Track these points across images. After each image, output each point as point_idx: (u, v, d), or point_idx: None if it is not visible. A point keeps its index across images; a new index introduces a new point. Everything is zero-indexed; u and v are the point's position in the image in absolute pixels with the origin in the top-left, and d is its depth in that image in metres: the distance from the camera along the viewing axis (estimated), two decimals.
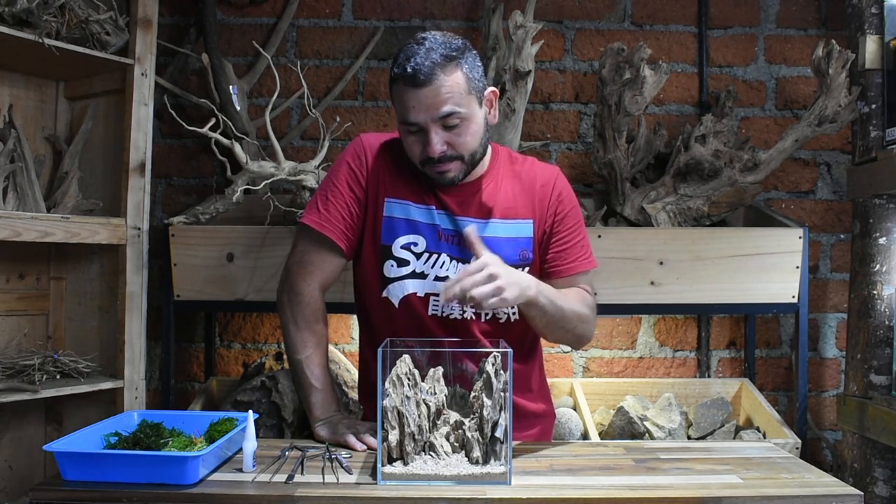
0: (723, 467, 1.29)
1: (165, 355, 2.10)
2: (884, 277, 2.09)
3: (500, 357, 1.21)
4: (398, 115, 1.44)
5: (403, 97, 1.40)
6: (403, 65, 1.38)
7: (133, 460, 1.15)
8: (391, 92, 1.45)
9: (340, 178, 1.52)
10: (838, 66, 2.06)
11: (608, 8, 2.49)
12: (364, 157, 1.53)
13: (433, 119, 1.39)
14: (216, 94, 2.22)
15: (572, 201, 1.58)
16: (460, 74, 1.40)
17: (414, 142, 1.44)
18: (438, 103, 1.38)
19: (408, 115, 1.40)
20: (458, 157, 1.43)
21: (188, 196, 2.46)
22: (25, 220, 1.71)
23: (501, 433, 1.19)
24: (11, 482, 1.91)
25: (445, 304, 1.49)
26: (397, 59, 1.41)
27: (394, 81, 1.42)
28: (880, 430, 1.96)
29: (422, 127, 1.40)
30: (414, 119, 1.40)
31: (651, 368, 2.49)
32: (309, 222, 1.51)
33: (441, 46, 1.39)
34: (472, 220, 1.50)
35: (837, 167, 2.48)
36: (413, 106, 1.39)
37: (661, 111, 2.49)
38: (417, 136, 1.43)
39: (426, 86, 1.37)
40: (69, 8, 1.81)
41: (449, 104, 1.38)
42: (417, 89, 1.37)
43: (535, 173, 1.57)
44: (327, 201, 1.51)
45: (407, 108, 1.40)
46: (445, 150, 1.41)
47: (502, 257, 1.44)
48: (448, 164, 1.43)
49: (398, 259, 1.49)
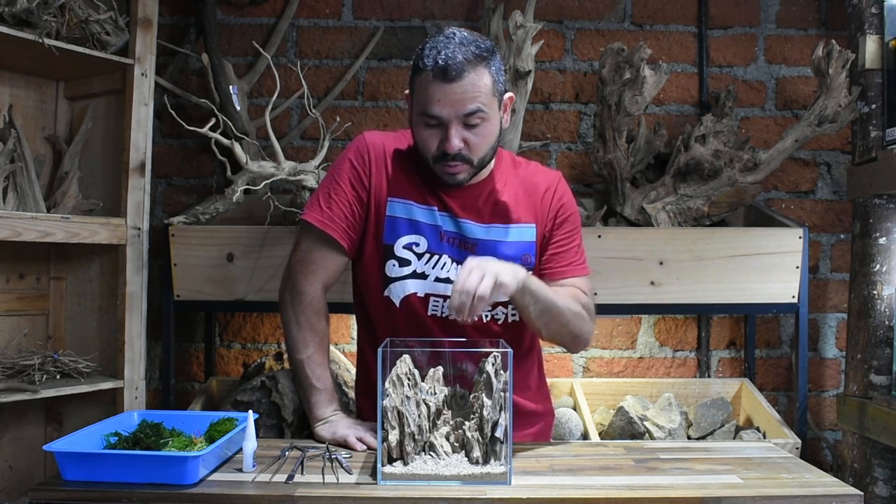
0: (723, 467, 1.29)
1: (165, 355, 2.10)
2: (884, 277, 2.09)
3: (500, 357, 1.21)
4: (418, 107, 1.42)
5: (429, 89, 1.37)
6: (434, 57, 1.36)
7: (133, 460, 1.15)
8: (412, 83, 1.43)
9: (343, 176, 1.51)
10: (838, 66, 2.06)
11: (608, 8, 2.49)
12: (367, 156, 1.52)
13: (457, 115, 1.38)
14: (216, 94, 2.22)
15: (572, 207, 1.59)
16: (488, 75, 1.39)
17: (430, 135, 1.42)
18: (465, 100, 1.37)
19: (431, 108, 1.38)
20: (470, 160, 1.43)
21: (188, 196, 2.46)
22: (25, 220, 1.71)
23: (501, 433, 1.19)
24: (11, 482, 1.91)
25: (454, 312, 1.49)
26: (423, 50, 1.39)
27: (419, 72, 1.40)
28: (880, 430, 1.96)
29: (443, 122, 1.39)
30: (438, 112, 1.38)
31: (651, 368, 2.49)
32: (311, 220, 1.50)
33: (472, 44, 1.38)
34: (474, 222, 1.51)
35: (837, 167, 2.48)
36: (439, 99, 1.37)
37: (661, 111, 2.49)
38: (435, 131, 1.41)
39: (456, 81, 1.35)
40: (69, 8, 1.81)
41: (475, 102, 1.37)
42: (446, 83, 1.35)
43: (538, 178, 1.57)
44: (330, 199, 1.50)
45: (432, 100, 1.38)
46: (462, 148, 1.40)
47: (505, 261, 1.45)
48: (460, 166, 1.43)
49: (400, 259, 1.49)
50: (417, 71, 1.41)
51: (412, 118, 1.46)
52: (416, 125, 1.44)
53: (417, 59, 1.41)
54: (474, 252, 1.49)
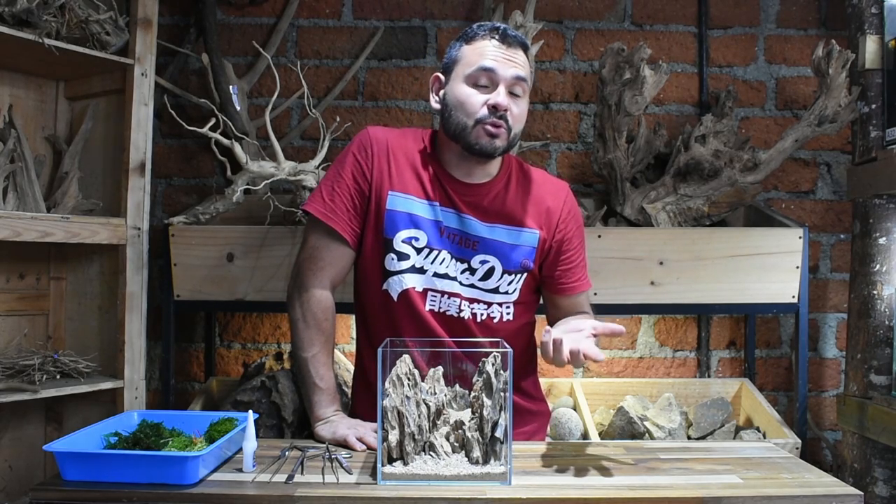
0: (723, 467, 1.29)
1: (165, 355, 2.10)
2: (884, 277, 2.09)
3: (500, 357, 1.21)
4: (466, 68, 1.46)
5: (485, 49, 1.46)
6: (490, 27, 1.48)
7: (133, 460, 1.14)
8: (455, 56, 1.50)
9: (346, 168, 1.52)
10: (838, 66, 2.06)
11: (608, 8, 2.49)
12: (370, 149, 1.53)
13: (508, 76, 1.45)
14: (216, 94, 2.22)
15: (579, 220, 1.62)
16: (528, 58, 1.51)
17: (476, 94, 1.46)
18: (517, 66, 1.46)
19: (488, 63, 1.44)
20: (510, 127, 1.47)
21: (188, 196, 2.46)
22: (25, 220, 1.71)
23: (501, 433, 1.19)
24: (11, 482, 1.91)
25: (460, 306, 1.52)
26: (472, 28, 1.50)
27: (471, 39, 1.48)
28: (880, 430, 1.96)
29: (495, 78, 1.45)
30: (494, 66, 1.44)
31: (651, 368, 2.49)
32: (314, 210, 1.51)
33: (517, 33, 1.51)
34: (478, 220, 1.52)
35: (837, 167, 2.48)
36: (495, 57, 1.45)
37: (661, 111, 2.49)
38: (483, 90, 1.46)
39: (511, 47, 1.46)
40: (69, 8, 1.80)
41: (523, 71, 1.47)
42: (504, 46, 1.46)
43: (547, 187, 1.60)
44: (333, 191, 1.52)
45: (487, 57, 1.45)
46: (508, 108, 1.45)
47: (503, 262, 1.49)
48: (501, 128, 1.46)
49: (399, 253, 1.50)
50: (469, 39, 1.49)
51: (450, 91, 1.50)
52: (459, 90, 1.47)
53: (466, 34, 1.50)
54: (475, 250, 1.51)
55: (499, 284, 1.53)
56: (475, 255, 1.51)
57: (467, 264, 1.51)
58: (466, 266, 1.51)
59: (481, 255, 1.51)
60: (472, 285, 1.52)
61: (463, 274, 1.52)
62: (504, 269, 1.52)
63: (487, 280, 1.52)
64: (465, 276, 1.52)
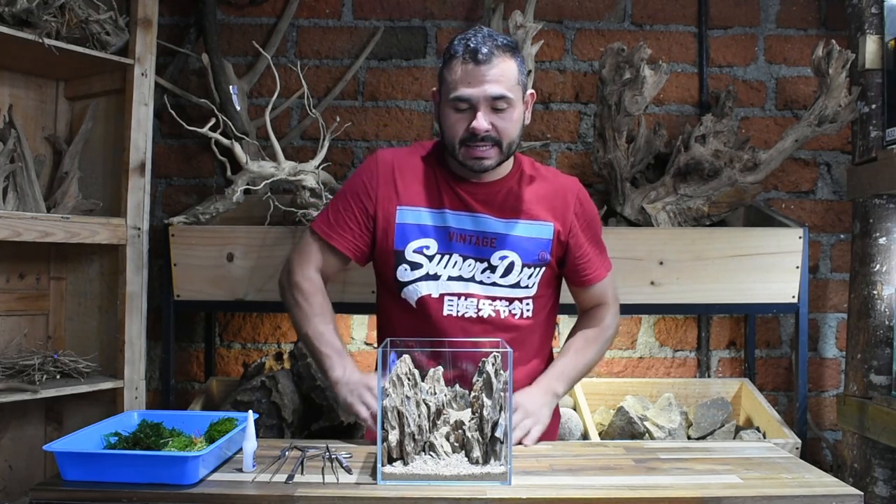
0: (723, 467, 1.29)
1: (165, 355, 2.10)
2: (884, 277, 2.09)
3: (500, 357, 1.21)
4: (446, 94, 1.48)
5: (459, 73, 1.44)
6: (464, 43, 1.45)
7: (133, 460, 1.14)
8: (441, 75, 1.50)
9: (352, 193, 1.58)
10: (838, 66, 2.06)
11: (608, 8, 2.49)
12: (375, 171, 1.58)
13: (485, 97, 1.43)
14: (216, 94, 2.22)
15: (593, 212, 1.64)
16: (514, 64, 1.47)
17: (458, 119, 1.47)
18: (494, 83, 1.43)
19: (462, 90, 1.44)
20: (498, 142, 1.47)
21: (188, 196, 2.46)
22: (25, 220, 1.71)
23: (501, 433, 1.19)
24: (11, 482, 1.91)
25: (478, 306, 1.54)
26: (453, 42, 1.48)
27: (449, 60, 1.47)
28: (880, 430, 1.96)
29: (472, 104, 1.44)
30: (467, 94, 1.44)
31: (651, 368, 2.49)
32: (317, 229, 1.58)
33: (499, 37, 1.47)
34: (493, 217, 1.54)
35: (837, 167, 2.48)
36: (469, 81, 1.43)
37: (661, 111, 2.49)
38: (463, 115, 1.46)
39: (484, 64, 1.43)
40: (69, 8, 1.81)
41: (502, 86, 1.44)
42: (476, 66, 1.43)
43: (559, 181, 1.63)
44: (338, 212, 1.58)
45: (462, 82, 1.44)
46: (490, 129, 1.45)
47: (521, 256, 1.52)
48: (488, 150, 1.47)
49: (411, 263, 1.53)
50: (448, 60, 1.48)
51: (440, 110, 1.51)
52: (445, 113, 1.49)
53: (447, 51, 1.49)
54: (493, 247, 1.53)
55: (519, 279, 1.55)
56: (494, 252, 1.53)
57: (487, 263, 1.53)
58: (486, 265, 1.54)
59: (500, 251, 1.53)
60: (493, 283, 1.54)
61: (483, 273, 1.54)
62: (523, 262, 1.54)
63: (508, 276, 1.54)
64: (486, 276, 1.54)
